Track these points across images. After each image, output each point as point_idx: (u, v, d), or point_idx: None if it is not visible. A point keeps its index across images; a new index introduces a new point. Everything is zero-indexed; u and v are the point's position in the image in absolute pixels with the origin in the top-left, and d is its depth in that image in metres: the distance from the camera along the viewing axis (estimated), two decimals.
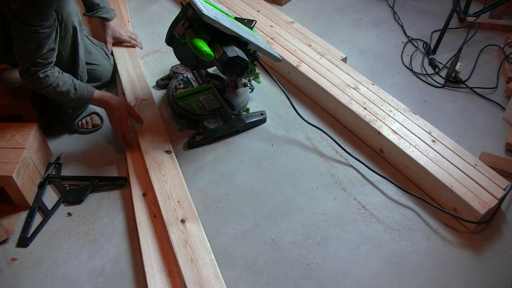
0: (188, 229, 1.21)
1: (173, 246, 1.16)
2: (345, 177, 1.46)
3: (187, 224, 1.22)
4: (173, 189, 1.32)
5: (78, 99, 1.44)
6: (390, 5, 2.36)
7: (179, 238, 1.18)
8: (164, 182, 1.34)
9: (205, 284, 1.08)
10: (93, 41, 1.74)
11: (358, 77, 1.70)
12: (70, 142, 1.61)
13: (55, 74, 1.37)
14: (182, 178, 1.37)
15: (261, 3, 2.22)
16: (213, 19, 1.28)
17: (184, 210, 1.26)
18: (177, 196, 1.30)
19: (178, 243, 1.17)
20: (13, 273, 1.23)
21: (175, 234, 1.19)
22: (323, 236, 1.29)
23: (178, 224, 1.22)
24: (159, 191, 1.32)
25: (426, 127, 1.49)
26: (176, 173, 1.38)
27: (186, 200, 1.29)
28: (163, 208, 1.26)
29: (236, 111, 1.58)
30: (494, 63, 1.94)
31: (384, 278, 1.19)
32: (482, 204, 1.24)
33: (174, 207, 1.27)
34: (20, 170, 1.32)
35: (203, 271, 1.10)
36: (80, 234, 1.32)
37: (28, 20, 1.23)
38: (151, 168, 1.38)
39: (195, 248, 1.16)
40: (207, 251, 1.16)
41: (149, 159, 1.41)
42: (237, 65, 1.37)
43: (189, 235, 1.19)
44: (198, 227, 1.22)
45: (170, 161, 1.42)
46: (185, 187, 1.33)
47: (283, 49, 1.86)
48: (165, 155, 1.43)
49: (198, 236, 1.19)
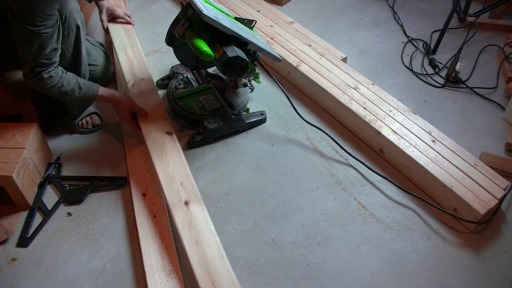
0: (192, 211, 1.18)
1: (177, 228, 1.14)
2: (345, 177, 1.46)
3: (191, 206, 1.19)
4: (176, 171, 1.30)
5: (83, 98, 1.43)
6: (390, 5, 2.36)
7: (184, 220, 1.16)
8: (167, 164, 1.32)
9: (210, 265, 1.06)
10: (92, 41, 1.74)
11: (358, 77, 1.70)
12: (70, 142, 1.61)
13: (59, 74, 1.37)
14: (184, 160, 1.33)
15: (261, 3, 2.22)
16: (213, 19, 1.28)
17: (188, 192, 1.23)
18: (180, 178, 1.28)
19: (183, 225, 1.14)
20: (13, 273, 1.23)
21: (179, 216, 1.17)
22: (323, 236, 1.29)
23: (182, 207, 1.19)
24: (161, 173, 1.29)
25: (426, 127, 1.49)
26: (178, 155, 1.35)
27: (189, 182, 1.26)
28: (166, 191, 1.24)
29: (236, 111, 1.58)
30: (494, 63, 1.94)
31: (384, 278, 1.19)
32: (482, 204, 1.24)
33: (177, 190, 1.24)
34: (20, 170, 1.32)
35: (208, 253, 1.08)
36: (80, 234, 1.32)
37: (30, 20, 1.22)
38: (153, 151, 1.36)
39: (199, 230, 1.13)
40: (211, 232, 1.13)
41: (151, 142, 1.39)
42: (237, 65, 1.37)
43: (193, 217, 1.17)
44: (201, 209, 1.19)
45: (172, 142, 1.39)
46: (188, 169, 1.30)
47: (283, 49, 1.86)
48: (166, 137, 1.40)
49: (202, 218, 1.16)
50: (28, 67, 1.31)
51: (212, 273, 1.04)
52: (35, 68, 1.31)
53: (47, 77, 1.33)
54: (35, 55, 1.29)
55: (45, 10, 1.24)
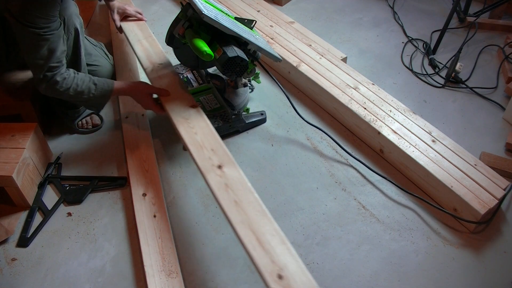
0: (227, 173, 1.15)
1: (212, 191, 1.11)
2: (345, 177, 1.46)
3: (225, 169, 1.16)
4: (205, 139, 1.27)
5: (101, 94, 1.40)
6: (390, 5, 2.36)
7: (218, 182, 1.12)
8: (194, 133, 1.29)
9: (253, 223, 1.03)
10: (92, 41, 1.74)
11: (358, 77, 1.70)
12: (70, 142, 1.61)
13: (72, 74, 1.35)
14: (213, 128, 1.31)
15: (261, 3, 2.22)
16: (213, 19, 1.28)
17: (220, 157, 1.20)
18: (210, 145, 1.25)
19: (218, 187, 1.11)
20: (13, 273, 1.23)
21: (213, 179, 1.13)
22: (323, 236, 1.29)
23: (216, 170, 1.16)
24: (190, 142, 1.26)
25: (426, 127, 1.49)
26: (205, 125, 1.32)
27: (220, 147, 1.23)
28: (197, 157, 1.21)
29: (236, 111, 1.58)
30: (494, 63, 1.94)
31: (384, 278, 1.19)
32: (482, 204, 1.24)
33: (209, 156, 1.21)
34: (20, 170, 1.32)
35: (249, 211, 1.05)
36: (80, 234, 1.32)
37: (31, 22, 1.21)
38: (178, 123, 1.33)
39: (236, 190, 1.10)
40: (250, 191, 1.10)
41: (176, 115, 1.36)
42: (237, 65, 1.36)
43: (228, 178, 1.13)
44: (236, 170, 1.16)
45: (197, 114, 1.37)
46: (217, 136, 1.27)
47: (283, 49, 1.86)
48: (191, 110, 1.38)
49: (237, 178, 1.13)
50: (39, 73, 1.29)
51: (256, 230, 1.01)
52: (47, 73, 1.29)
53: (61, 80, 1.31)
54: (45, 59, 1.27)
55: (47, 11, 1.23)
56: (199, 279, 1.19)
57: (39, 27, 1.22)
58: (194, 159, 1.21)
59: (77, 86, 1.35)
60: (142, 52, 1.65)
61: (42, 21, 1.22)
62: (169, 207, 1.38)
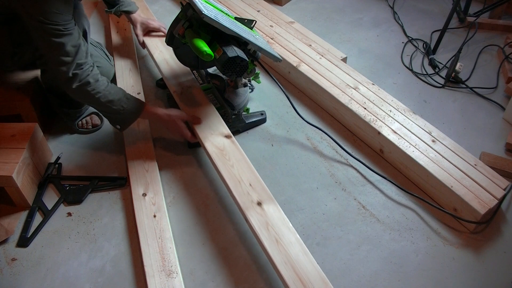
0: (267, 211, 1.17)
1: (254, 229, 1.13)
2: (345, 177, 1.46)
3: (265, 206, 1.18)
4: (242, 172, 1.27)
5: (130, 110, 1.36)
6: (390, 5, 2.36)
7: (260, 221, 1.14)
8: (231, 166, 1.30)
9: (295, 263, 1.06)
10: (92, 42, 1.74)
11: (358, 77, 1.70)
12: (70, 142, 1.61)
13: (105, 81, 1.32)
14: (248, 160, 1.31)
15: (261, 3, 2.22)
16: (213, 19, 1.28)
17: (258, 193, 1.22)
18: (247, 179, 1.25)
19: (260, 226, 1.13)
20: (13, 273, 1.22)
21: (255, 217, 1.15)
22: (323, 236, 1.29)
23: (255, 207, 1.18)
24: (227, 176, 1.27)
25: (426, 127, 1.49)
26: (241, 157, 1.33)
27: (258, 182, 1.24)
28: (236, 193, 1.22)
29: (236, 111, 1.58)
30: (494, 63, 1.94)
31: (384, 278, 1.19)
32: (482, 204, 1.24)
33: (247, 191, 1.22)
34: (20, 170, 1.32)
35: (291, 250, 1.08)
36: (80, 234, 1.32)
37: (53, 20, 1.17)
38: (214, 154, 1.34)
39: (277, 229, 1.12)
40: (290, 231, 1.13)
41: (210, 145, 1.37)
42: (237, 65, 1.36)
43: (269, 217, 1.16)
44: (276, 208, 1.18)
45: (232, 145, 1.37)
46: (254, 170, 1.28)
47: (283, 49, 1.86)
48: (225, 140, 1.39)
49: (278, 217, 1.16)
50: (68, 71, 1.24)
51: (299, 271, 1.04)
52: (76, 71, 1.24)
53: (93, 81, 1.27)
54: (72, 56, 1.23)
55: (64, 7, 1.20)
56: (199, 279, 1.19)
57: (60, 24, 1.19)
58: (233, 195, 1.22)
59: (109, 93, 1.31)
60: (169, 73, 1.64)
61: (61, 17, 1.19)
62: (169, 207, 1.38)
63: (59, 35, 1.21)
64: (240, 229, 1.31)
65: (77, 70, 1.25)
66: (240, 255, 1.25)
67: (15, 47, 1.39)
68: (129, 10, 1.77)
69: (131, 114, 1.38)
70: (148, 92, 1.81)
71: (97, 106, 1.36)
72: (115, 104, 1.33)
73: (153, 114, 1.42)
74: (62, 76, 1.26)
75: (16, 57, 1.42)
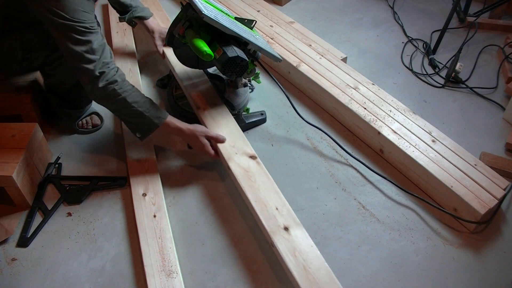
0: (294, 237, 1.14)
1: (281, 255, 1.10)
2: (345, 177, 1.46)
3: (292, 231, 1.15)
4: (267, 195, 1.24)
5: (154, 116, 1.32)
6: (390, 5, 2.36)
7: (287, 247, 1.12)
8: (257, 189, 1.26)
9: None
10: None
11: (358, 77, 1.70)
12: (70, 142, 1.61)
13: (130, 85, 1.29)
14: (274, 183, 1.28)
15: (261, 3, 2.22)
16: (213, 19, 1.28)
17: (285, 217, 1.19)
18: (273, 202, 1.22)
19: (287, 252, 1.10)
20: (13, 273, 1.22)
21: (282, 243, 1.12)
22: (323, 236, 1.29)
23: (282, 232, 1.15)
24: (253, 199, 1.23)
25: (426, 127, 1.49)
26: (267, 179, 1.29)
27: (284, 206, 1.22)
28: (262, 217, 1.19)
29: (236, 111, 1.58)
30: (494, 63, 1.94)
31: (384, 278, 1.19)
32: (482, 204, 1.24)
33: (274, 215, 1.19)
34: (20, 170, 1.32)
35: (319, 278, 1.06)
36: (80, 234, 1.32)
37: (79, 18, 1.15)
38: (239, 175, 1.30)
39: (305, 255, 1.10)
40: (318, 257, 1.10)
41: (235, 166, 1.32)
42: (237, 65, 1.36)
43: (296, 242, 1.13)
44: (303, 233, 1.15)
45: (257, 167, 1.32)
46: (279, 193, 1.25)
47: (283, 49, 1.86)
48: (250, 161, 1.34)
49: (306, 244, 1.13)
50: (95, 70, 1.21)
51: None
52: (103, 69, 1.22)
53: (120, 80, 1.25)
54: (99, 54, 1.21)
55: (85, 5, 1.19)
56: (199, 279, 1.19)
57: (86, 22, 1.18)
58: (259, 218, 1.19)
59: (134, 94, 1.28)
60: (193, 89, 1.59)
61: (86, 15, 1.18)
62: (169, 207, 1.38)
63: (86, 33, 1.19)
64: (240, 229, 1.31)
65: (104, 69, 1.23)
66: (240, 255, 1.25)
67: (25, 53, 1.38)
68: (143, 16, 1.70)
69: (155, 119, 1.33)
70: (148, 92, 1.81)
71: (121, 108, 1.30)
72: (141, 105, 1.29)
73: (176, 127, 1.38)
74: (88, 75, 1.22)
75: (24, 63, 1.41)
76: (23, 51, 1.38)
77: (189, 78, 1.65)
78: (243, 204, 1.38)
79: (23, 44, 1.37)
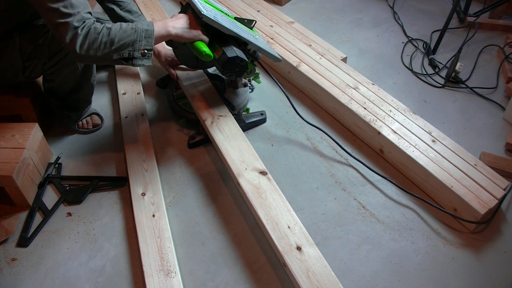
0: (307, 257, 1.11)
1: (294, 276, 1.07)
2: (345, 177, 1.46)
3: (305, 251, 1.12)
4: (279, 213, 1.21)
5: (143, 28, 1.23)
6: (390, 5, 2.36)
7: (300, 267, 1.09)
8: (268, 207, 1.22)
9: None
10: None
11: (358, 77, 1.70)
12: (70, 142, 1.61)
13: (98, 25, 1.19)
14: (286, 201, 1.24)
15: (261, 3, 2.22)
16: (213, 19, 1.28)
17: (297, 236, 1.16)
18: (285, 221, 1.19)
19: (300, 273, 1.08)
20: (13, 273, 1.23)
21: (295, 263, 1.09)
22: (323, 236, 1.29)
23: (295, 252, 1.12)
24: (264, 217, 1.20)
25: (426, 127, 1.49)
26: (278, 196, 1.25)
27: (297, 225, 1.18)
28: (274, 236, 1.16)
29: (236, 111, 1.58)
30: (494, 63, 1.94)
31: (384, 278, 1.19)
32: (482, 204, 1.24)
33: (286, 233, 1.16)
34: (20, 170, 1.32)
35: None
36: (80, 234, 1.32)
37: None
38: (249, 192, 1.26)
39: (319, 276, 1.07)
40: (332, 279, 1.07)
41: (245, 182, 1.29)
42: (236, 65, 1.36)
43: (310, 263, 1.10)
44: (317, 253, 1.12)
45: (268, 183, 1.28)
46: (291, 210, 1.22)
47: (283, 49, 1.86)
48: (261, 177, 1.30)
49: (320, 264, 1.10)
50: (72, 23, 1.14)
51: None
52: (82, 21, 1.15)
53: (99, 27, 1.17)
54: (80, 10, 1.15)
55: None
56: (199, 279, 1.19)
57: None
58: (271, 237, 1.16)
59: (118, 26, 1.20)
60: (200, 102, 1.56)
61: None
62: (169, 207, 1.38)
63: None
64: (241, 229, 1.31)
65: (83, 20, 1.17)
66: (240, 255, 1.25)
67: (25, 61, 1.38)
68: None
69: (148, 26, 1.25)
70: (148, 92, 1.81)
71: (109, 45, 1.19)
72: (127, 30, 1.21)
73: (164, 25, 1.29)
74: (67, 28, 1.15)
75: (27, 72, 1.42)
76: (23, 59, 1.38)
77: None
78: (244, 204, 1.38)
79: (21, 52, 1.36)
